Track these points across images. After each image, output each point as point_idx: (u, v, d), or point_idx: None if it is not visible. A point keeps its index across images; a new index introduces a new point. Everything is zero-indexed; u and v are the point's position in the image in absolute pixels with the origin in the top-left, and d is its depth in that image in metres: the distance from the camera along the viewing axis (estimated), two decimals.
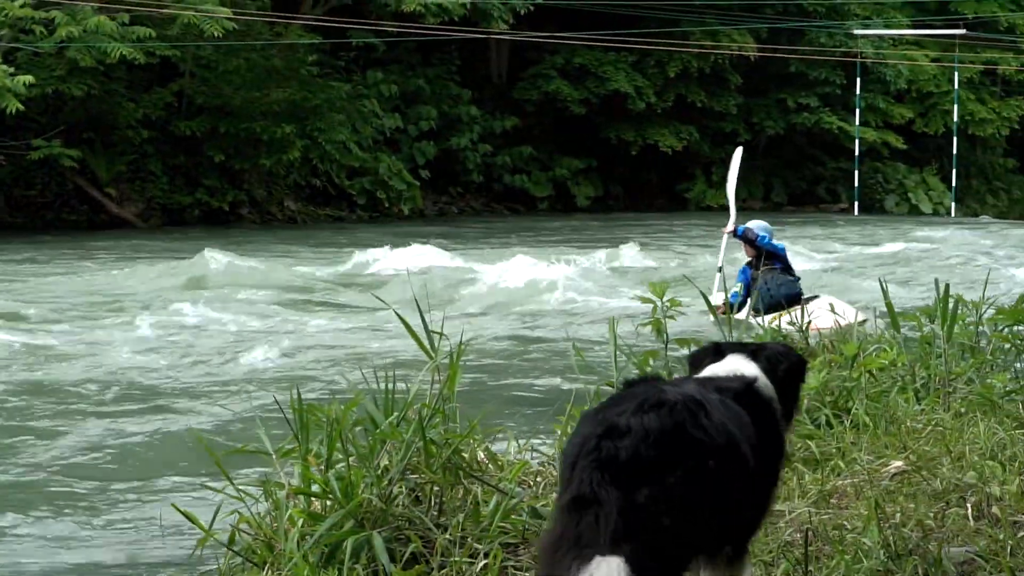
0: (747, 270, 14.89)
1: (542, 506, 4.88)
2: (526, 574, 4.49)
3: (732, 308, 14.49)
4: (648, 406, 3.44)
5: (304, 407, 4.96)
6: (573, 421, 5.76)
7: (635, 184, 46.88)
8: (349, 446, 4.85)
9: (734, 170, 16.00)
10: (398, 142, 41.08)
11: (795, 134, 47.51)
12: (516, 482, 5.06)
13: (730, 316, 7.61)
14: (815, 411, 6.27)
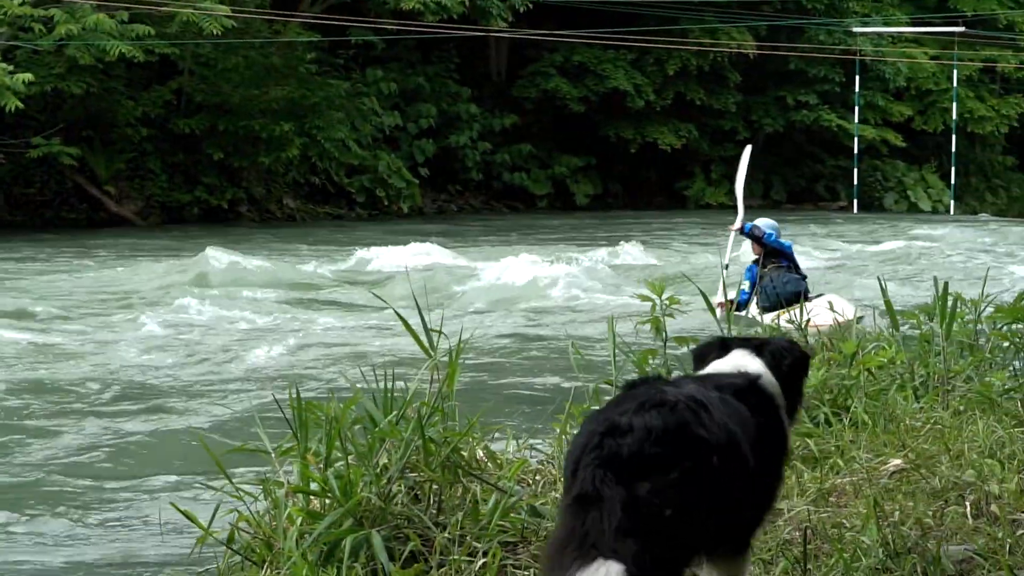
0: (754, 268, 14.91)
1: (541, 504, 4.87)
2: (525, 572, 4.49)
3: (737, 305, 14.64)
4: (649, 405, 3.45)
5: (303, 405, 4.95)
6: (572, 420, 5.76)
7: (634, 182, 46.89)
8: (348, 444, 4.84)
9: (743, 168, 16.01)
10: (397, 140, 41.08)
11: (794, 132, 47.53)
12: (515, 480, 5.06)
13: (730, 312, 7.60)
14: (814, 409, 6.27)
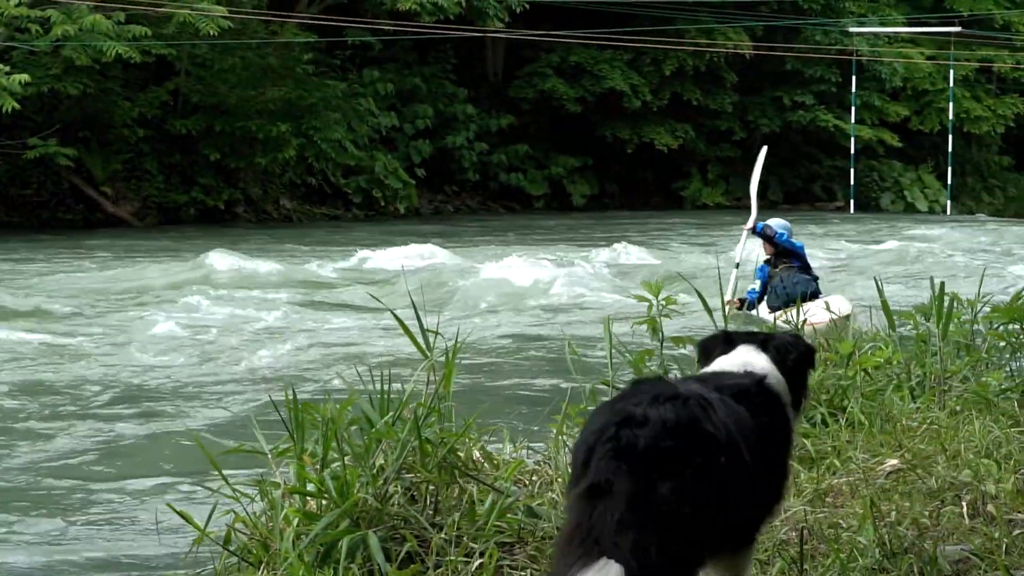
0: (765, 268, 14.95)
1: (538, 505, 4.87)
2: (522, 573, 4.48)
3: (747, 304, 14.66)
4: (664, 398, 3.45)
5: (299, 406, 4.95)
6: (569, 420, 5.76)
7: (631, 182, 46.89)
8: (344, 445, 4.84)
9: (758, 169, 16.05)
10: (394, 140, 41.07)
11: (791, 132, 47.55)
12: (512, 481, 5.05)
13: (723, 310, 7.58)
14: (811, 410, 6.27)
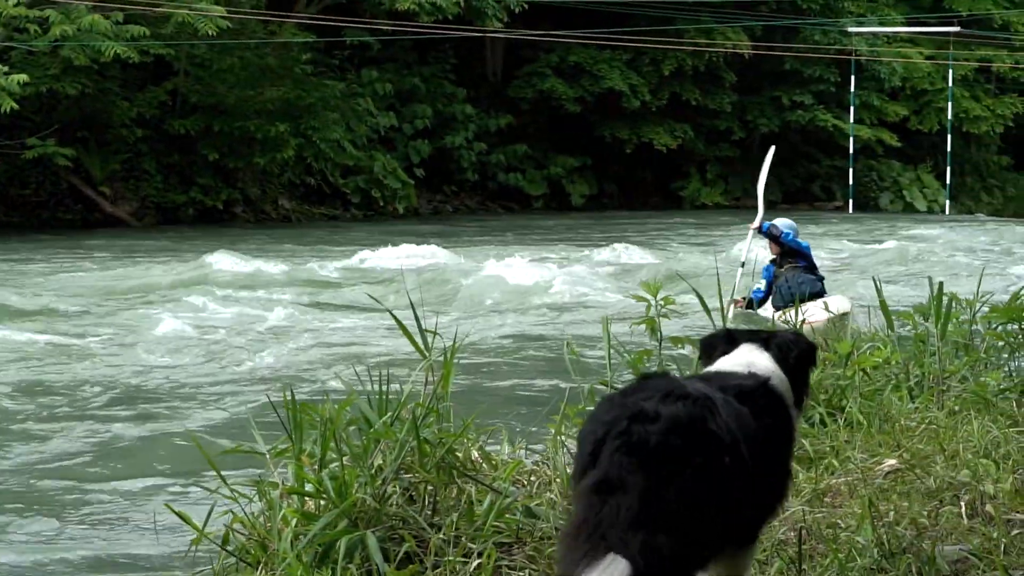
0: (771, 267, 14.95)
1: (536, 505, 4.87)
2: (520, 573, 4.48)
3: (753, 304, 14.66)
4: (675, 396, 3.45)
5: (298, 406, 4.94)
6: (567, 420, 5.75)
7: (630, 182, 46.91)
8: (343, 445, 4.84)
9: (765, 168, 16.07)
10: (393, 140, 41.07)
11: (790, 132, 47.57)
12: (510, 481, 5.05)
13: (722, 309, 7.56)
14: (809, 409, 6.27)
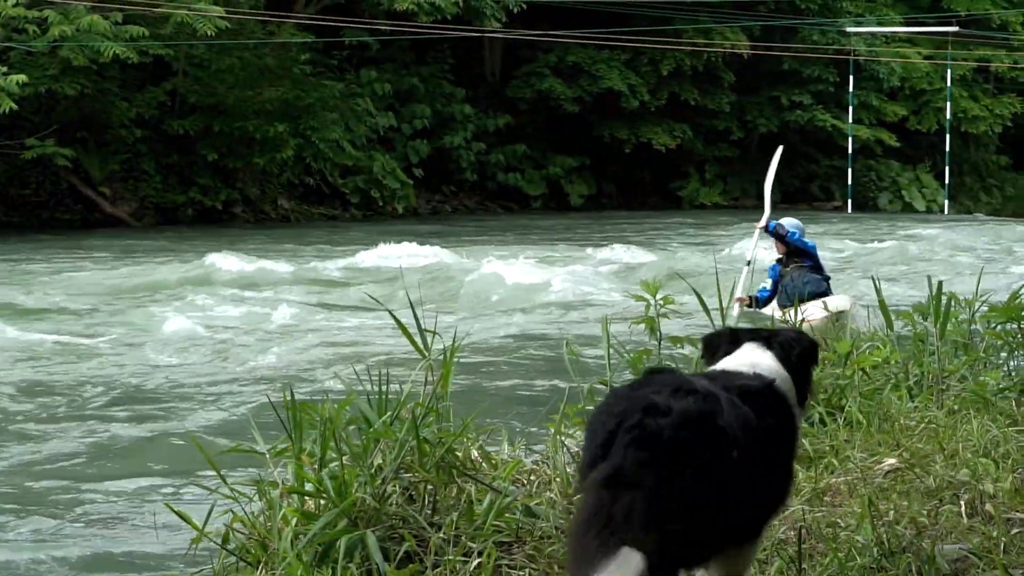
0: (776, 267, 14.97)
1: (536, 504, 4.87)
2: (520, 572, 4.48)
3: (758, 302, 14.66)
4: (685, 391, 3.45)
5: (297, 406, 4.94)
6: (567, 420, 5.75)
7: (628, 182, 46.91)
8: (343, 445, 4.84)
9: (772, 168, 16.10)
10: (392, 141, 41.07)
11: (788, 132, 47.56)
12: (510, 481, 5.05)
13: (721, 308, 7.55)
14: (808, 409, 6.26)
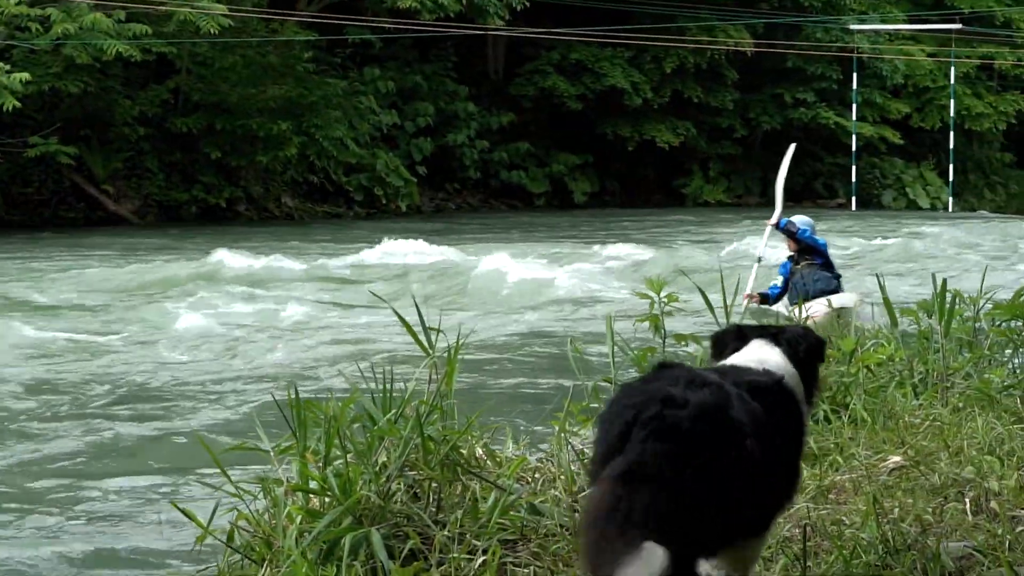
0: (787, 264, 14.97)
1: (541, 502, 4.87)
2: (525, 570, 4.48)
3: (768, 299, 14.65)
4: (700, 383, 3.45)
5: (302, 404, 4.94)
6: (571, 417, 5.75)
7: (632, 180, 46.89)
8: (347, 443, 4.84)
9: (785, 165, 16.13)
10: (395, 138, 41.07)
11: (792, 129, 47.49)
12: (514, 478, 5.05)
13: (725, 305, 7.54)
14: (816, 405, 6.26)
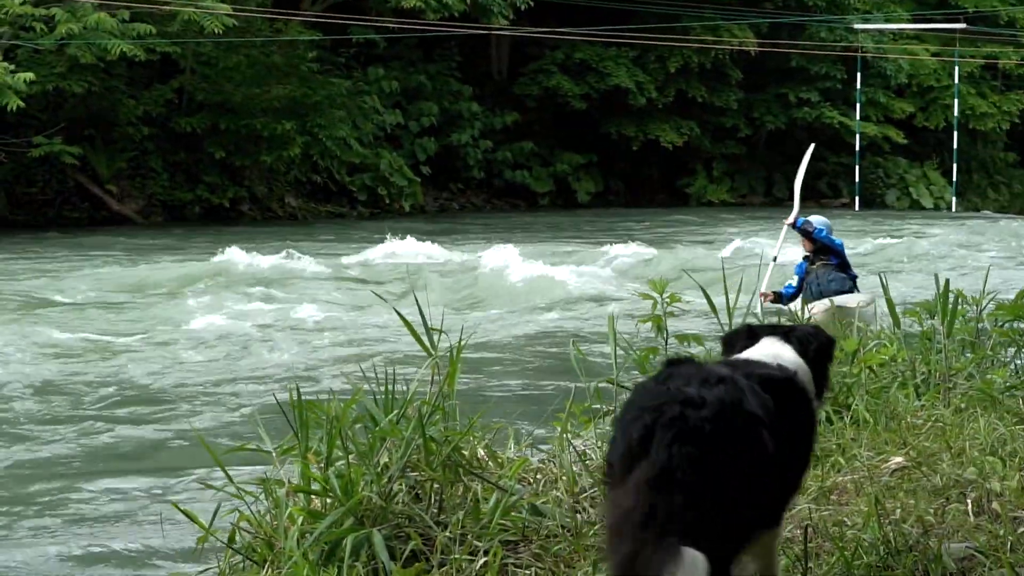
0: (803, 264, 14.97)
1: (542, 503, 4.87)
2: (526, 571, 4.48)
3: (783, 299, 14.61)
4: (714, 380, 3.44)
5: (304, 405, 4.94)
6: (573, 418, 5.75)
7: (636, 179, 46.88)
8: (349, 444, 4.84)
9: (803, 166, 16.14)
10: (399, 138, 41.08)
11: (796, 129, 47.50)
12: (516, 479, 5.05)
13: (727, 304, 7.52)
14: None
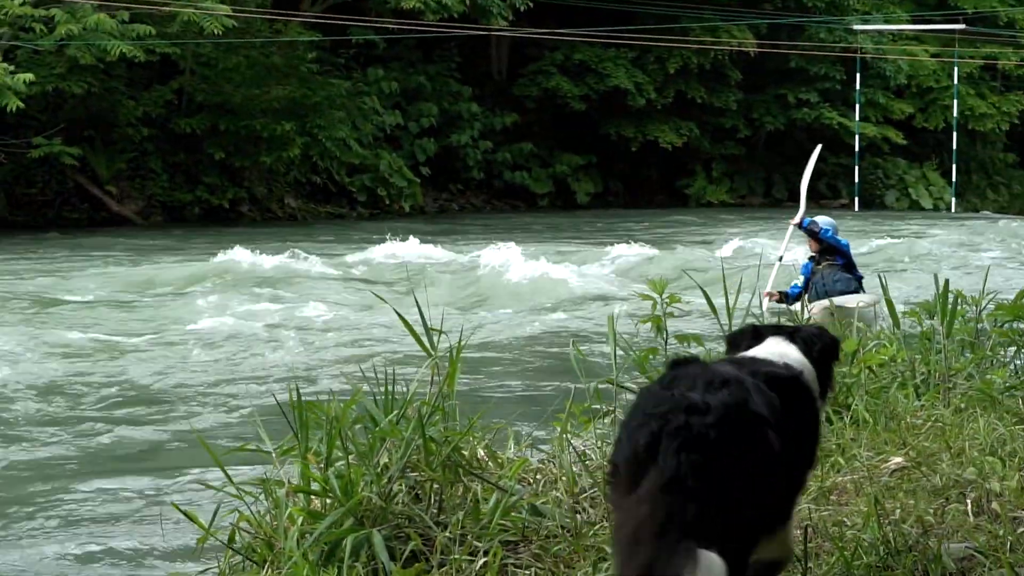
0: (809, 264, 14.98)
1: (542, 503, 4.87)
2: (526, 572, 4.48)
3: (788, 299, 14.63)
4: (719, 383, 3.44)
5: (303, 405, 4.95)
6: (573, 419, 5.75)
7: (635, 180, 46.89)
8: (349, 444, 4.84)
9: (810, 166, 16.17)
10: (399, 139, 41.09)
11: (795, 130, 47.51)
12: (516, 480, 5.05)
13: (727, 303, 7.52)
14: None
